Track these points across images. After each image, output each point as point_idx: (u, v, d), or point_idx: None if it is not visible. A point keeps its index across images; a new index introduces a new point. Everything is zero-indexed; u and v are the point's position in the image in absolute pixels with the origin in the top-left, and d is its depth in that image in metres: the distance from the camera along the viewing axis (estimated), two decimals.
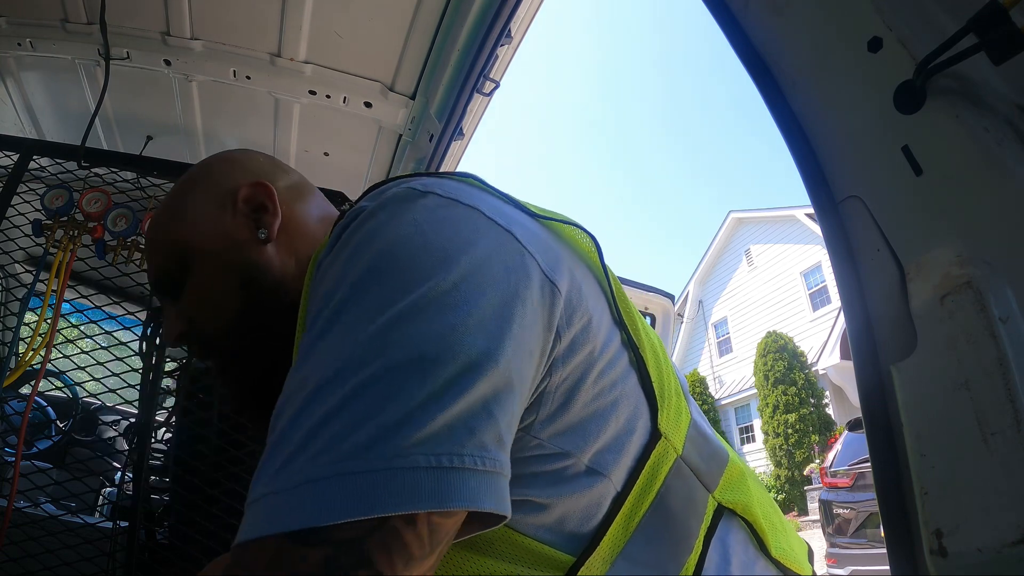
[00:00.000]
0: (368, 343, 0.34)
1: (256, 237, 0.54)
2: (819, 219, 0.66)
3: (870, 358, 0.60)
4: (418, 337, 0.34)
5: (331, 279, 0.39)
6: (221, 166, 0.60)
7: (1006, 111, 0.52)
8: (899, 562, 0.54)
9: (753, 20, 0.72)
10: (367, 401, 0.32)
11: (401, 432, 0.32)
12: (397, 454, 0.31)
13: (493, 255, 0.40)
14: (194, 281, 0.54)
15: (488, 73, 1.60)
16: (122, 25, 1.63)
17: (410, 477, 0.31)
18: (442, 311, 0.35)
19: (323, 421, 0.32)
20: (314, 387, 0.34)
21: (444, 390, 0.33)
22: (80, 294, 1.50)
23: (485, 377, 0.35)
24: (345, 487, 0.30)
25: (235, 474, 1.33)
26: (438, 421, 0.33)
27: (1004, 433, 0.45)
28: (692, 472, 0.48)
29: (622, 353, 0.47)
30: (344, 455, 0.31)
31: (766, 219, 15.55)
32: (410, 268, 0.37)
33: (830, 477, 5.46)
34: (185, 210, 0.56)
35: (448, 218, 0.41)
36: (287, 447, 0.33)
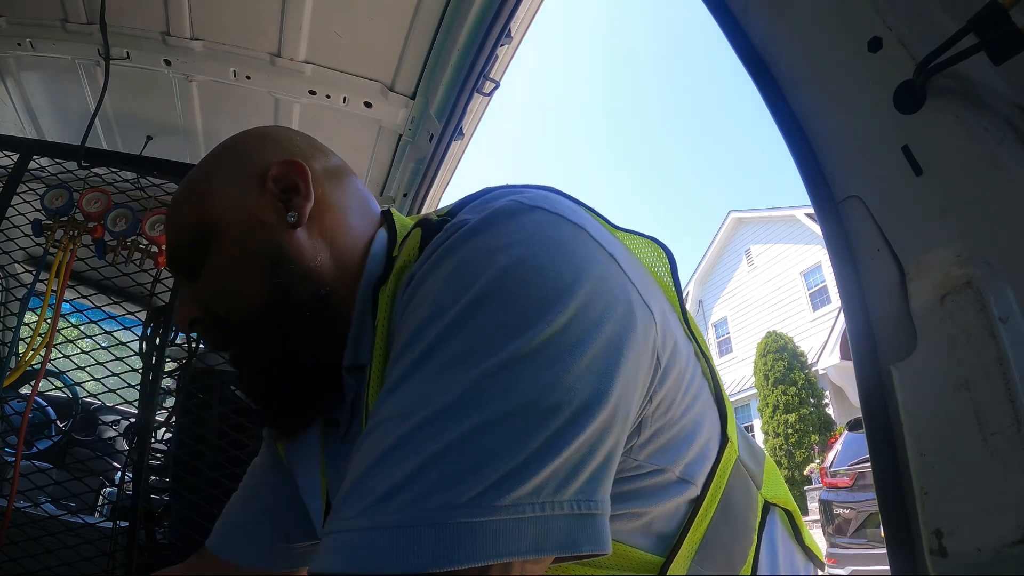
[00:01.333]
0: (480, 383, 0.32)
1: (285, 220, 0.49)
2: (819, 219, 0.66)
3: (870, 358, 0.60)
4: (532, 382, 0.33)
5: (434, 300, 0.36)
6: (253, 141, 0.55)
7: (1006, 111, 0.52)
8: (899, 562, 0.54)
9: (753, 20, 0.72)
10: (478, 446, 0.31)
11: (510, 482, 0.31)
12: (504, 505, 0.30)
13: (602, 286, 0.38)
14: (214, 263, 0.49)
15: (488, 73, 1.60)
16: (122, 25, 1.63)
17: (514, 527, 0.30)
18: (558, 354, 0.34)
19: (431, 461, 0.31)
20: (421, 420, 0.32)
21: (556, 439, 0.32)
22: (80, 294, 1.50)
23: (596, 420, 0.34)
24: (450, 535, 0.29)
25: (235, 474, 1.33)
26: (546, 471, 0.32)
27: (1004, 433, 0.45)
28: (747, 471, 0.51)
29: (697, 366, 0.47)
30: (450, 503, 0.30)
31: (766, 219, 15.56)
32: (524, 299, 0.35)
33: (830, 477, 5.46)
34: (210, 185, 0.51)
35: (559, 240, 0.38)
36: (388, 479, 0.31)
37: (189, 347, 1.47)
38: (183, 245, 0.51)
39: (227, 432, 1.38)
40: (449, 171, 1.95)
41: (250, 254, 0.48)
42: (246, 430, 1.39)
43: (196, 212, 0.51)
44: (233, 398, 1.45)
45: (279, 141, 0.55)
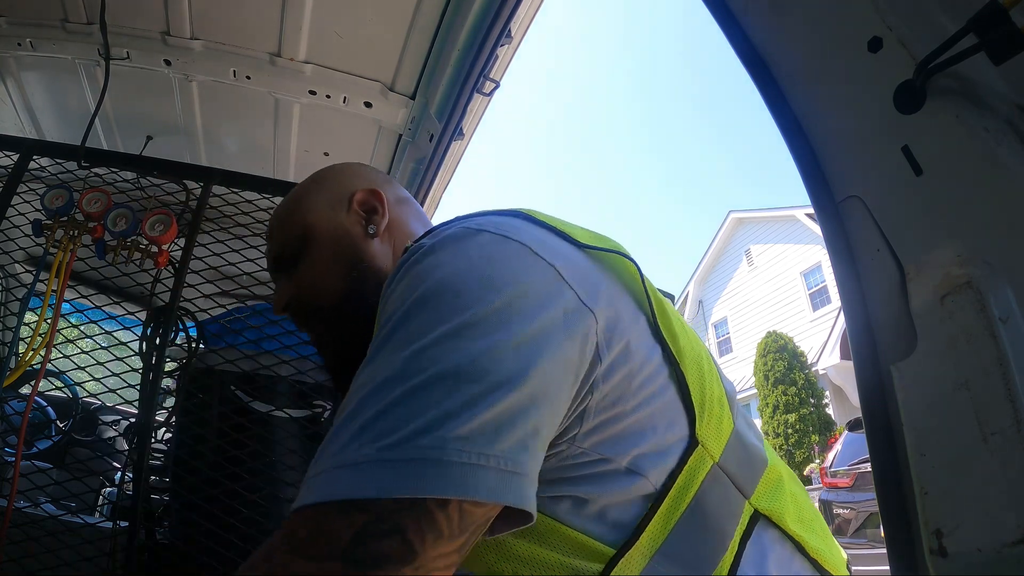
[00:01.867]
0: (417, 357, 0.41)
1: (366, 233, 0.65)
2: (819, 219, 0.66)
3: (870, 358, 0.60)
4: (458, 356, 0.40)
5: (393, 302, 0.46)
6: (342, 172, 0.72)
7: (1006, 111, 0.52)
8: (899, 562, 0.54)
9: (753, 20, 0.72)
10: (413, 405, 0.39)
11: (438, 431, 0.37)
12: (434, 447, 0.37)
13: (535, 287, 0.45)
14: (308, 260, 0.65)
15: (488, 73, 1.60)
16: (122, 25, 1.63)
17: (444, 468, 0.37)
18: (483, 334, 0.41)
19: (375, 417, 0.39)
20: (371, 389, 0.41)
21: (478, 401, 0.39)
22: (80, 294, 1.50)
23: (516, 393, 0.40)
24: (388, 470, 0.36)
25: (235, 474, 1.33)
26: (469, 426, 0.38)
27: (1004, 433, 0.45)
28: (728, 478, 0.52)
29: (662, 368, 0.51)
30: (390, 445, 0.37)
31: (766, 219, 15.55)
32: (460, 295, 0.43)
33: (830, 477, 5.46)
34: (310, 201, 0.68)
35: (498, 253, 0.46)
36: (341, 438, 0.39)
37: (189, 347, 1.47)
38: (286, 246, 0.67)
39: (227, 432, 1.38)
40: (449, 171, 1.95)
41: (337, 255, 0.64)
42: (246, 430, 1.39)
43: (298, 222, 0.66)
44: (233, 398, 1.45)
45: (363, 173, 0.72)
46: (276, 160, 2.15)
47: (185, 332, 1.46)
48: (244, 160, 2.15)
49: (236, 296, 1.84)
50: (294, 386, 1.48)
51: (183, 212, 1.47)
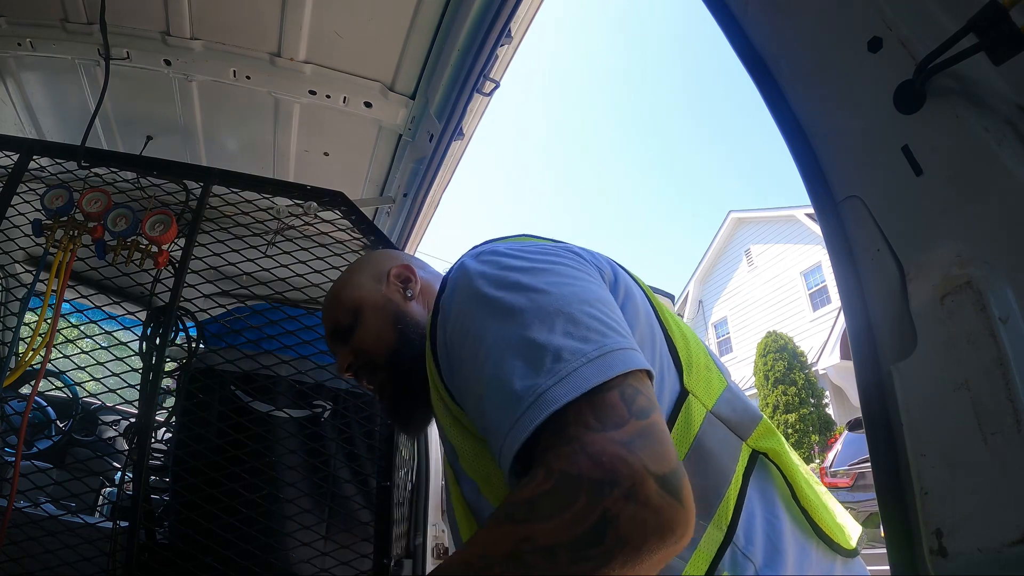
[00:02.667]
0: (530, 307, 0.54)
1: (405, 297, 0.83)
2: (819, 219, 0.66)
3: (870, 358, 0.60)
4: (561, 295, 0.55)
5: (457, 318, 0.59)
6: (376, 256, 0.91)
7: (1006, 111, 0.52)
8: (899, 562, 0.54)
9: (753, 20, 0.72)
10: (573, 326, 0.51)
11: (603, 333, 0.51)
12: (611, 344, 0.50)
13: (563, 253, 0.63)
14: (363, 327, 0.80)
15: (488, 73, 1.60)
16: (122, 25, 1.63)
17: (625, 351, 0.50)
18: (556, 284, 0.56)
19: (558, 343, 0.50)
20: (521, 337, 0.52)
21: (596, 317, 0.53)
22: (80, 294, 1.50)
23: (603, 302, 0.55)
24: (604, 359, 0.49)
25: (235, 474, 1.33)
26: (607, 329, 0.52)
27: (1004, 433, 0.45)
28: (723, 423, 0.60)
29: (655, 327, 0.63)
30: (586, 353, 0.49)
31: (766, 219, 15.55)
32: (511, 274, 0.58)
33: (830, 477, 5.46)
34: (355, 282, 0.84)
35: (511, 251, 0.63)
36: (539, 365, 0.49)
37: (189, 347, 1.47)
38: (341, 322, 0.82)
39: (227, 432, 1.38)
40: (449, 171, 1.95)
41: (386, 318, 0.80)
42: (246, 430, 1.39)
43: (349, 300, 0.82)
44: (233, 398, 1.45)
45: (391, 255, 0.91)
46: (276, 160, 2.15)
47: (185, 332, 1.46)
48: (244, 160, 2.15)
49: (236, 296, 1.84)
50: (294, 386, 1.48)
51: (183, 212, 1.47)
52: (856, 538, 0.65)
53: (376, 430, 1.53)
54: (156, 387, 1.34)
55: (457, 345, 0.58)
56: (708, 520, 0.53)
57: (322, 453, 1.48)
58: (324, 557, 1.36)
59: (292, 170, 2.17)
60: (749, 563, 0.53)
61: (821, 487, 0.66)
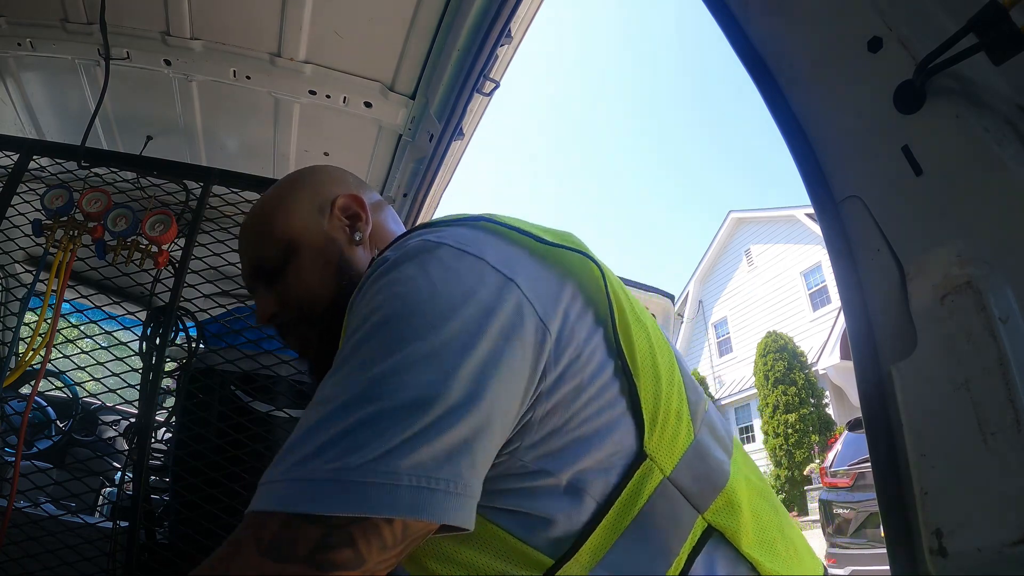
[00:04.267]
0: (376, 383, 0.43)
1: (351, 239, 0.65)
2: (819, 219, 0.66)
3: (870, 358, 0.60)
4: (416, 383, 0.43)
5: (357, 318, 0.48)
6: (318, 175, 0.70)
7: (1006, 111, 0.52)
8: (899, 562, 0.54)
9: (753, 20, 0.72)
10: (371, 430, 0.41)
11: (393, 457, 0.40)
12: (388, 471, 0.40)
13: (490, 306, 0.46)
14: (294, 270, 0.63)
15: (488, 73, 1.60)
16: (122, 25, 1.63)
17: (395, 491, 0.40)
18: (439, 360, 0.43)
19: (336, 438, 0.41)
20: (334, 408, 0.43)
21: (432, 427, 0.41)
22: (80, 294, 1.50)
23: (467, 419, 0.42)
24: (345, 490, 0.40)
25: (235, 474, 1.33)
26: (423, 452, 0.41)
27: (1004, 433, 0.45)
28: (680, 493, 0.50)
29: (614, 382, 0.50)
30: (348, 467, 0.40)
31: (766, 219, 15.55)
32: (418, 316, 0.45)
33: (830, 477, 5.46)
34: (288, 209, 0.66)
35: (456, 269, 0.48)
36: (304, 449, 0.42)
37: (189, 347, 1.47)
38: (266, 257, 0.65)
39: (227, 432, 1.38)
40: (449, 171, 1.94)
41: (325, 263, 0.63)
42: (246, 430, 1.39)
43: (280, 232, 0.64)
44: (233, 398, 1.45)
45: (339, 177, 0.70)
46: (276, 160, 2.15)
47: (185, 332, 1.46)
48: (244, 160, 2.15)
49: (236, 296, 1.84)
50: (294, 386, 1.48)
51: (183, 212, 1.47)
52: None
53: None
54: (156, 387, 1.34)
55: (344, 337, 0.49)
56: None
57: None
58: None
59: (292, 170, 2.16)
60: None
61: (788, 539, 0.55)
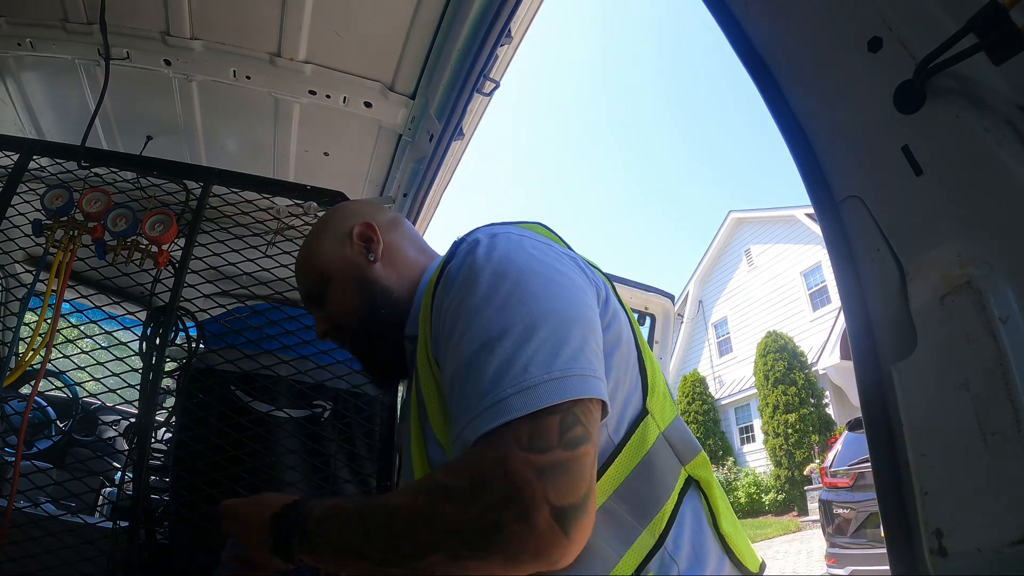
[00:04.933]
0: (536, 310, 0.57)
1: (367, 260, 0.80)
2: (819, 219, 0.66)
3: (870, 358, 0.60)
4: (560, 308, 0.58)
5: (468, 280, 0.61)
6: (339, 213, 0.87)
7: (1006, 111, 0.52)
8: (899, 562, 0.54)
9: (753, 20, 0.72)
10: (553, 341, 0.55)
11: (579, 357, 0.55)
12: (581, 367, 0.55)
13: (570, 264, 0.66)
14: (331, 294, 0.80)
15: (488, 73, 1.60)
16: (122, 25, 1.63)
17: (586, 381, 0.54)
18: (552, 294, 0.59)
19: (534, 353, 0.54)
20: (515, 337, 0.55)
21: (588, 337, 0.58)
22: (80, 294, 1.50)
23: (588, 325, 0.59)
24: (562, 384, 0.53)
25: (235, 474, 1.33)
26: (588, 351, 0.56)
27: (1004, 433, 0.45)
28: (671, 446, 0.66)
29: (632, 348, 0.68)
30: (557, 368, 0.54)
31: (766, 219, 15.54)
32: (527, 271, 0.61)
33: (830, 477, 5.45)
34: (321, 247, 0.83)
35: (528, 242, 0.65)
36: (513, 370, 0.53)
37: (189, 347, 1.47)
38: (312, 288, 0.83)
39: (227, 432, 1.38)
40: (449, 171, 1.95)
41: (351, 283, 0.79)
42: (246, 430, 1.39)
43: (316, 266, 0.82)
44: (233, 398, 1.45)
45: (355, 209, 0.87)
46: (276, 160, 2.15)
47: (185, 332, 1.46)
48: (244, 160, 2.15)
49: (236, 296, 1.84)
50: (294, 386, 1.48)
51: (183, 212, 1.47)
52: (759, 567, 0.72)
53: (376, 430, 1.53)
54: (156, 387, 1.34)
55: (449, 318, 0.61)
56: (643, 526, 0.60)
57: (322, 453, 1.48)
58: None
59: (292, 170, 2.17)
60: (674, 564, 0.61)
61: (736, 522, 0.73)
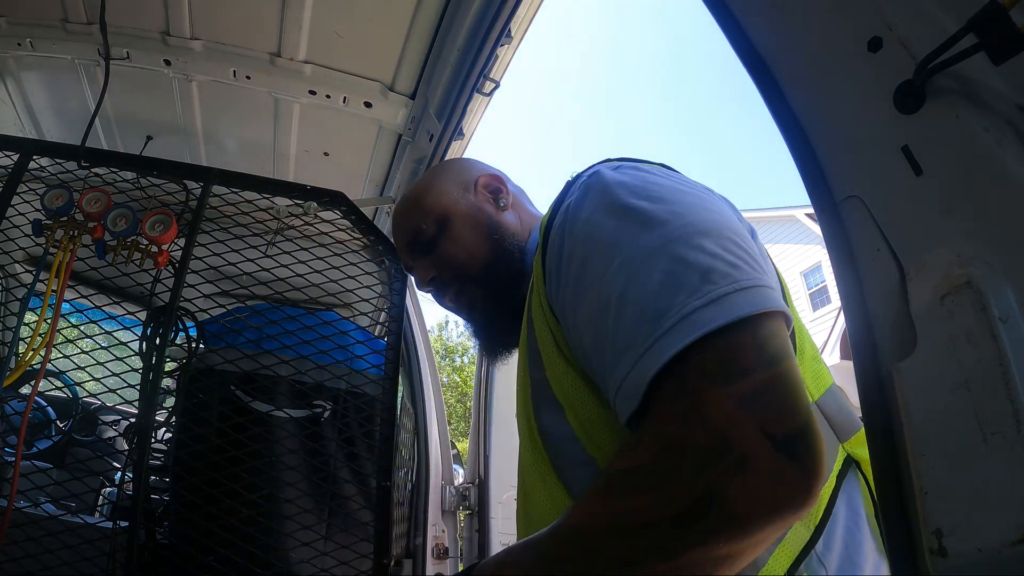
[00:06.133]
0: (684, 224, 0.49)
1: (498, 206, 0.79)
2: (819, 219, 0.66)
3: (870, 358, 0.60)
4: (705, 220, 0.50)
5: (604, 205, 0.53)
6: (457, 164, 0.88)
7: (1006, 111, 0.52)
8: (899, 562, 0.54)
9: (753, 20, 0.72)
10: (716, 252, 0.47)
11: (747, 269, 0.48)
12: (756, 278, 0.47)
13: (708, 189, 0.59)
14: (450, 238, 0.76)
15: (488, 73, 1.60)
16: (122, 25, 1.63)
17: (763, 291, 0.46)
18: (708, 210, 0.52)
19: (707, 269, 0.46)
20: (675, 254, 0.47)
21: (741, 244, 0.50)
22: (80, 294, 1.50)
23: (750, 241, 0.51)
24: (747, 294, 0.45)
25: (235, 474, 1.33)
26: (756, 264, 0.49)
27: (1004, 433, 0.45)
28: (825, 418, 0.56)
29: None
30: (737, 279, 0.45)
31: (766, 219, 15.55)
32: (669, 188, 0.54)
33: None
34: (441, 188, 0.80)
35: (657, 166, 0.61)
36: (688, 287, 0.44)
37: (189, 347, 1.47)
38: (424, 230, 0.78)
39: (227, 432, 1.38)
40: None
41: (478, 227, 0.76)
42: (246, 430, 1.39)
43: (435, 207, 0.78)
44: (233, 398, 1.45)
45: (474, 164, 0.87)
46: (276, 160, 2.14)
47: (185, 332, 1.46)
48: (244, 160, 2.15)
49: (236, 296, 1.84)
50: (294, 386, 1.48)
51: (183, 212, 1.47)
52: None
53: (376, 430, 1.53)
54: (156, 387, 1.34)
55: (578, 253, 0.52)
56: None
57: (322, 453, 1.48)
58: (324, 557, 1.36)
59: (292, 170, 2.17)
60: (822, 568, 0.50)
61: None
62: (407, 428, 1.87)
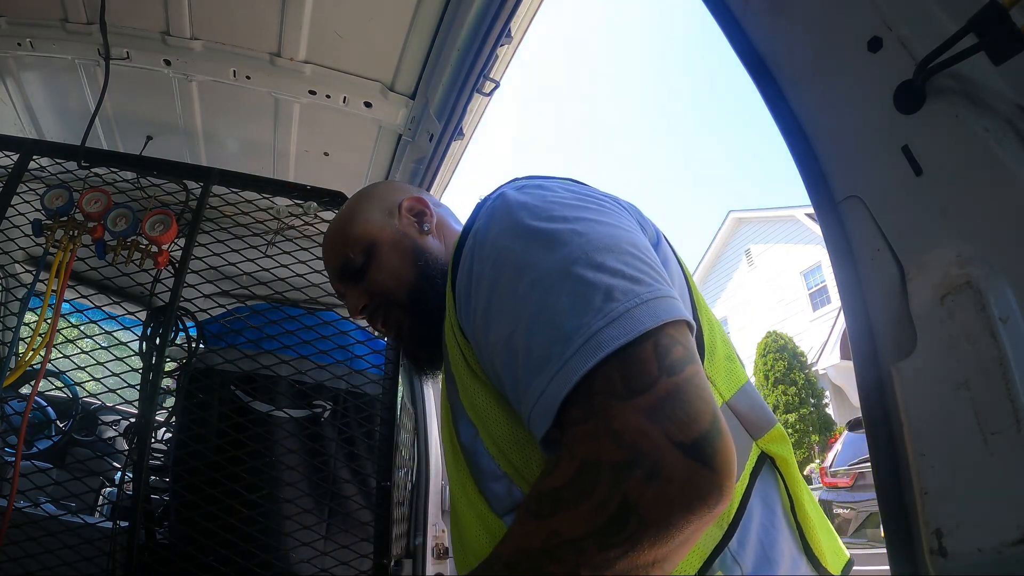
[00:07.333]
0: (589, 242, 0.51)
1: (421, 231, 0.79)
2: (819, 219, 0.66)
3: (870, 358, 0.60)
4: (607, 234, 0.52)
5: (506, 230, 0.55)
6: (380, 189, 0.86)
7: (1006, 111, 0.52)
8: (899, 562, 0.54)
9: (753, 20, 0.72)
10: (622, 270, 0.49)
11: (646, 281, 0.48)
12: (657, 290, 0.48)
13: (610, 200, 0.60)
14: (377, 265, 0.76)
15: (488, 73, 1.60)
16: (122, 25, 1.63)
17: (669, 301, 0.48)
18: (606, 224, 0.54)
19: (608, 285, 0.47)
20: (580, 272, 0.48)
21: (641, 257, 0.51)
22: (80, 294, 1.50)
23: (651, 251, 0.54)
24: (647, 308, 0.46)
25: (235, 474, 1.33)
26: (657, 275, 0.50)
27: (1004, 433, 0.45)
28: (737, 418, 0.57)
29: (688, 302, 0.59)
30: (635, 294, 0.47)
31: (766, 219, 15.56)
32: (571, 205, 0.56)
33: (830, 477, 5.46)
34: (365, 218, 0.79)
35: (558, 182, 0.62)
36: (593, 305, 0.46)
37: (189, 347, 1.47)
38: (351, 259, 0.77)
39: (227, 432, 1.38)
40: (449, 171, 1.94)
41: (402, 253, 0.76)
42: (246, 430, 1.39)
43: (359, 237, 0.78)
44: (233, 398, 1.45)
45: (397, 187, 0.86)
46: (276, 160, 2.14)
47: (185, 332, 1.46)
48: (244, 160, 2.15)
49: (236, 296, 1.84)
50: (294, 386, 1.48)
51: (183, 212, 1.47)
52: (843, 566, 0.63)
53: (376, 430, 1.53)
54: (156, 387, 1.34)
55: (487, 276, 0.53)
56: None
57: (322, 453, 1.48)
58: (324, 557, 1.36)
59: (292, 170, 2.17)
60: (737, 566, 0.51)
61: (819, 509, 0.63)
62: (407, 428, 1.87)
